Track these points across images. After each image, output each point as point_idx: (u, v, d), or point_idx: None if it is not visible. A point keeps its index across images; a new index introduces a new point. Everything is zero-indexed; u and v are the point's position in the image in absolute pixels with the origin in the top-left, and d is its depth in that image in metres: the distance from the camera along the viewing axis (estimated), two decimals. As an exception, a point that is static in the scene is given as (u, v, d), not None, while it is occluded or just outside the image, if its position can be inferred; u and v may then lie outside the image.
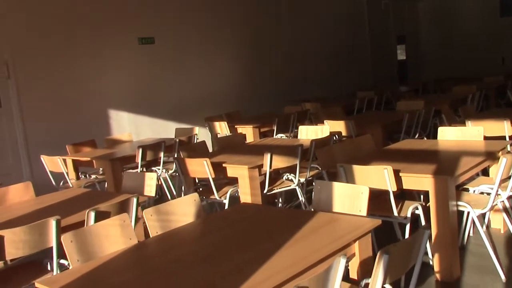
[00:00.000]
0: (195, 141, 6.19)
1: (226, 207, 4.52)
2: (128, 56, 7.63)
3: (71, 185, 5.59)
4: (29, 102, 6.51)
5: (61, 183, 5.67)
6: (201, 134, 7.83)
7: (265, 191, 4.58)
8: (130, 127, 7.60)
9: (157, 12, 8.00)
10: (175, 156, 5.91)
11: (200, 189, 4.94)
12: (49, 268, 3.09)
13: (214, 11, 8.90)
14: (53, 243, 2.92)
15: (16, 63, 6.40)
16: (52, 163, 5.60)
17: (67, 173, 5.52)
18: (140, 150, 5.55)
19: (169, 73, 8.20)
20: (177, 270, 2.22)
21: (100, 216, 3.04)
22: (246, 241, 2.50)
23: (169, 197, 6.13)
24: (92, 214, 3.00)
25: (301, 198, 4.91)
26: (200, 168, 4.45)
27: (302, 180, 4.85)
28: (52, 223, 2.91)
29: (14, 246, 2.79)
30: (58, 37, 6.81)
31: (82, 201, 3.70)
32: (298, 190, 4.84)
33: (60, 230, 2.96)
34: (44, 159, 5.66)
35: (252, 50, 9.65)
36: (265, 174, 4.54)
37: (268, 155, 4.44)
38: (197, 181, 5.16)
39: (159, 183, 6.49)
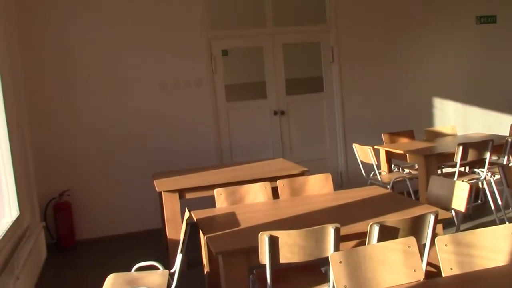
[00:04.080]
0: (533, 143, 4.99)
1: None
2: (462, 38, 6.74)
3: (379, 179, 5.22)
4: (350, 88, 6.39)
5: (371, 174, 5.36)
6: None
7: None
8: (457, 119, 6.74)
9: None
10: (505, 159, 4.87)
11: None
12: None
13: None
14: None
15: (341, 47, 6.33)
16: (363, 153, 5.33)
17: (376, 165, 5.16)
18: (460, 148, 4.75)
19: (510, 59, 6.93)
20: None
21: (386, 232, 2.54)
22: None
23: (492, 206, 5.14)
24: (376, 229, 2.52)
25: None
26: (533, 182, 3.44)
27: None
28: (331, 231, 2.55)
29: (289, 250, 2.55)
30: (384, 19, 6.45)
31: (375, 205, 3.25)
32: None
33: (339, 239, 2.58)
34: (356, 148, 5.44)
35: None
36: None
37: None
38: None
39: (482, 187, 5.54)
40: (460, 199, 3.14)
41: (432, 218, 2.63)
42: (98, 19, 5.59)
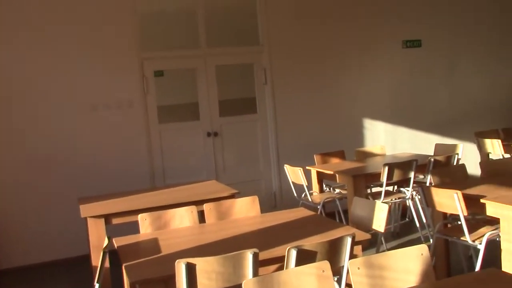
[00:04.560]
0: (454, 163, 5.21)
1: (481, 255, 3.54)
2: (390, 60, 6.98)
3: (310, 200, 5.28)
4: (283, 109, 6.47)
5: (302, 195, 5.41)
6: (469, 151, 6.69)
7: (539, 242, 3.43)
8: (386, 139, 6.95)
9: (425, 12, 7.13)
10: (428, 179, 5.06)
11: (449, 225, 4.03)
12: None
13: (496, 11, 7.54)
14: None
15: (274, 69, 6.41)
16: (294, 174, 5.38)
17: (307, 186, 5.22)
18: (386, 168, 4.89)
19: (435, 80, 7.25)
20: None
21: (304, 256, 2.55)
22: None
23: (417, 224, 5.30)
24: (293, 253, 2.53)
25: None
26: (449, 201, 3.57)
27: None
28: (249, 256, 2.53)
29: (207, 277, 2.51)
30: (315, 40, 6.60)
31: (298, 228, 3.28)
32: None
33: (258, 264, 2.57)
34: (287, 169, 5.49)
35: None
36: (540, 219, 3.39)
37: (547, 195, 3.29)
38: (448, 214, 4.24)
39: (408, 205, 5.71)
40: (379, 220, 3.21)
41: (349, 240, 2.67)
42: (30, 43, 5.43)
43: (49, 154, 5.53)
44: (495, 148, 5.98)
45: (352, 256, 2.74)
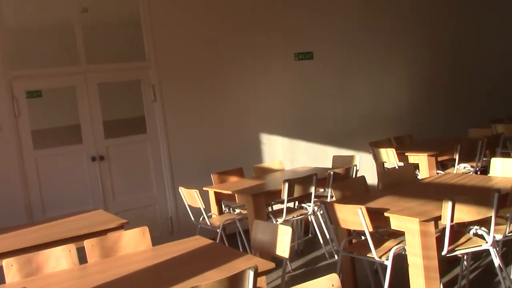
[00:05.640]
0: (353, 174, 5.11)
1: (389, 271, 3.38)
2: (283, 73, 6.85)
3: (208, 223, 4.92)
4: (175, 127, 6.06)
5: (201, 218, 5.03)
6: (366, 161, 6.70)
7: (443, 253, 3.34)
8: (284, 153, 6.78)
9: (316, 25, 7.11)
10: (329, 194, 4.91)
11: (353, 240, 3.85)
12: None
13: (380, 20, 7.73)
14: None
15: (163, 85, 6.00)
16: (190, 197, 4.99)
17: (204, 209, 4.85)
18: (286, 185, 4.66)
19: (329, 93, 7.24)
20: None
21: (200, 298, 2.18)
22: None
23: (321, 240, 5.13)
24: (187, 297, 2.14)
25: (497, 260, 3.54)
26: (354, 217, 3.38)
27: (499, 237, 3.49)
28: (134, 306, 2.11)
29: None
30: (205, 54, 6.29)
31: (195, 261, 2.90)
32: (493, 252, 3.48)
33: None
34: (182, 191, 5.09)
35: (429, 64, 8.23)
36: (443, 229, 3.31)
37: (449, 204, 3.20)
38: (352, 230, 4.08)
39: (310, 220, 5.55)
40: (283, 244, 2.93)
41: (251, 274, 2.34)
42: None
43: None
44: (389, 157, 6.01)
45: (256, 290, 2.41)
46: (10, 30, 5.25)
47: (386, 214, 3.39)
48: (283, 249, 2.94)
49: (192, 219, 5.05)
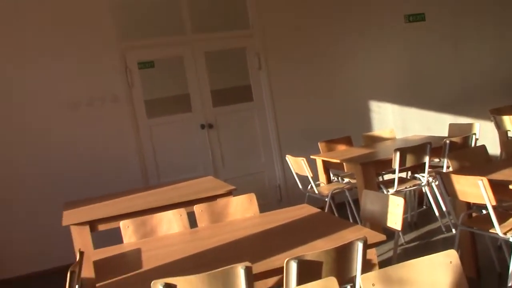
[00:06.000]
0: (472, 144, 4.73)
1: (513, 248, 3.09)
2: (392, 37, 6.49)
3: (316, 192, 4.84)
4: (281, 95, 6.00)
5: (309, 187, 4.96)
6: (486, 130, 6.19)
7: None
8: (395, 121, 6.47)
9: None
10: (444, 164, 4.60)
11: (474, 214, 3.57)
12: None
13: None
14: (242, 300, 2.11)
15: (268, 53, 5.93)
16: (297, 165, 4.93)
17: (312, 177, 4.77)
18: (398, 154, 4.43)
19: (443, 55, 6.74)
20: None
21: (307, 268, 2.11)
22: None
23: (436, 213, 4.85)
24: (293, 266, 2.09)
25: None
26: (473, 190, 3.11)
27: None
28: (240, 272, 2.10)
29: (191, 298, 2.08)
30: (310, 22, 6.11)
31: (301, 230, 2.83)
32: None
33: (252, 280, 2.13)
34: (289, 159, 5.04)
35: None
36: None
37: None
38: (471, 203, 3.78)
39: (424, 192, 5.25)
40: (395, 216, 2.76)
41: (360, 246, 2.23)
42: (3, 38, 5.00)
43: (29, 158, 5.11)
44: (514, 125, 5.50)
45: (365, 262, 2.30)
46: (120, 0, 5.44)
47: (511, 186, 3.08)
48: (394, 220, 2.77)
49: (300, 187, 5.00)
